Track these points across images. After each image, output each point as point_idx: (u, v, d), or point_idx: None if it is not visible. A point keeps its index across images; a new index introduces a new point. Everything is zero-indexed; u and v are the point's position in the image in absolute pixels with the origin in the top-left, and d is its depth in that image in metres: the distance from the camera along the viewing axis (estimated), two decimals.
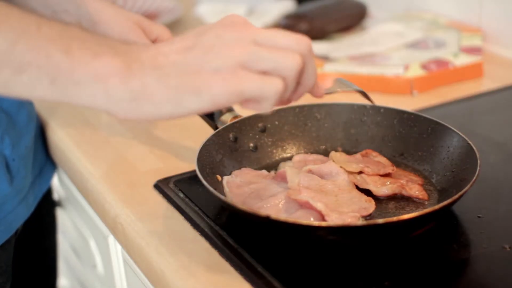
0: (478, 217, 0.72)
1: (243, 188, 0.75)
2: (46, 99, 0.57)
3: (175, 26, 1.40)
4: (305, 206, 0.70)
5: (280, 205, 0.71)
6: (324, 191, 0.74)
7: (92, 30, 0.59)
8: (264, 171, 0.80)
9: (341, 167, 0.78)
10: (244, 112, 0.79)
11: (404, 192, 0.74)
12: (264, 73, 0.56)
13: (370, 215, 0.71)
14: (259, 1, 1.42)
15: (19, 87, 0.56)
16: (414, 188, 0.75)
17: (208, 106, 0.56)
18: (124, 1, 1.48)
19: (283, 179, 0.76)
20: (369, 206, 0.72)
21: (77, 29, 0.57)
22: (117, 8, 0.86)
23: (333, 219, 0.68)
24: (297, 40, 0.59)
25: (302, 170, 0.77)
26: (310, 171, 0.77)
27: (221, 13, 1.37)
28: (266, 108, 0.57)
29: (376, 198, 0.74)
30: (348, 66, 1.09)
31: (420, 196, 0.74)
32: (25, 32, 0.54)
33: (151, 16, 1.43)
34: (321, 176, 0.76)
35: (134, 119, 0.57)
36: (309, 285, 0.63)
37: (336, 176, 0.76)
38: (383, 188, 0.75)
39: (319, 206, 0.69)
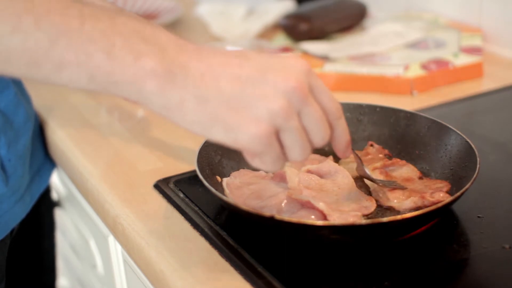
0: (478, 217, 0.72)
1: (243, 189, 0.75)
2: (84, 90, 0.57)
3: (175, 26, 1.40)
4: (306, 205, 0.70)
5: (281, 205, 0.71)
6: (324, 191, 0.74)
7: (144, 19, 0.59)
8: (262, 172, 0.80)
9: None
10: None
11: (426, 202, 0.71)
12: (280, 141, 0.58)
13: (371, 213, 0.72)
14: (259, 1, 1.42)
15: (58, 81, 0.56)
16: (437, 195, 0.71)
17: (229, 143, 0.56)
18: (124, 1, 1.48)
19: (281, 179, 0.76)
20: (370, 205, 0.72)
21: (123, 20, 0.55)
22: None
23: (335, 218, 0.68)
24: (324, 130, 0.59)
25: (301, 170, 0.77)
26: (309, 171, 0.77)
27: (221, 13, 1.37)
28: (253, 164, 0.59)
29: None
30: (348, 66, 1.09)
31: (441, 199, 0.71)
32: (67, 30, 0.53)
33: (151, 16, 1.43)
34: (320, 176, 0.76)
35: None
36: (309, 285, 0.63)
37: (335, 175, 0.76)
38: (405, 203, 0.72)
39: (321, 205, 0.69)
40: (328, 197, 0.72)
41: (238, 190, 0.75)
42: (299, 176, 0.74)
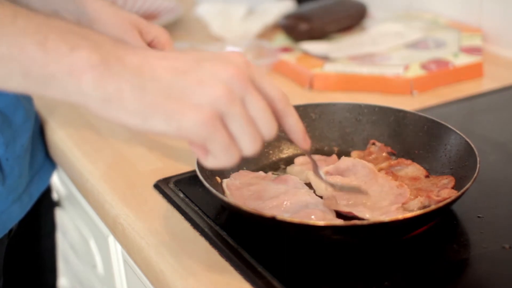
0: (478, 217, 0.72)
1: (243, 190, 0.75)
2: (19, 91, 0.55)
3: (175, 26, 1.40)
4: (349, 215, 0.69)
5: (281, 206, 0.71)
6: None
7: (83, 25, 0.56)
8: (261, 173, 0.80)
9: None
10: None
11: (432, 202, 0.71)
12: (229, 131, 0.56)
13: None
14: (259, 1, 1.42)
15: None
16: (443, 193, 0.71)
17: (172, 133, 0.55)
18: (124, 1, 1.48)
19: (282, 181, 0.76)
20: (404, 191, 0.71)
21: (59, 22, 0.54)
22: (116, 9, 0.86)
23: (381, 219, 0.67)
24: (271, 120, 0.57)
25: (320, 172, 0.76)
26: (327, 173, 0.76)
27: (221, 13, 1.37)
28: (207, 163, 0.57)
29: None
30: (348, 66, 1.09)
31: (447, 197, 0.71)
32: None
33: (151, 16, 1.43)
34: (341, 174, 0.76)
35: (104, 119, 0.55)
36: (309, 285, 0.63)
37: (354, 169, 0.76)
38: (412, 204, 0.72)
39: (367, 216, 0.68)
40: (360, 197, 0.72)
41: (238, 191, 0.75)
42: (325, 182, 0.72)
